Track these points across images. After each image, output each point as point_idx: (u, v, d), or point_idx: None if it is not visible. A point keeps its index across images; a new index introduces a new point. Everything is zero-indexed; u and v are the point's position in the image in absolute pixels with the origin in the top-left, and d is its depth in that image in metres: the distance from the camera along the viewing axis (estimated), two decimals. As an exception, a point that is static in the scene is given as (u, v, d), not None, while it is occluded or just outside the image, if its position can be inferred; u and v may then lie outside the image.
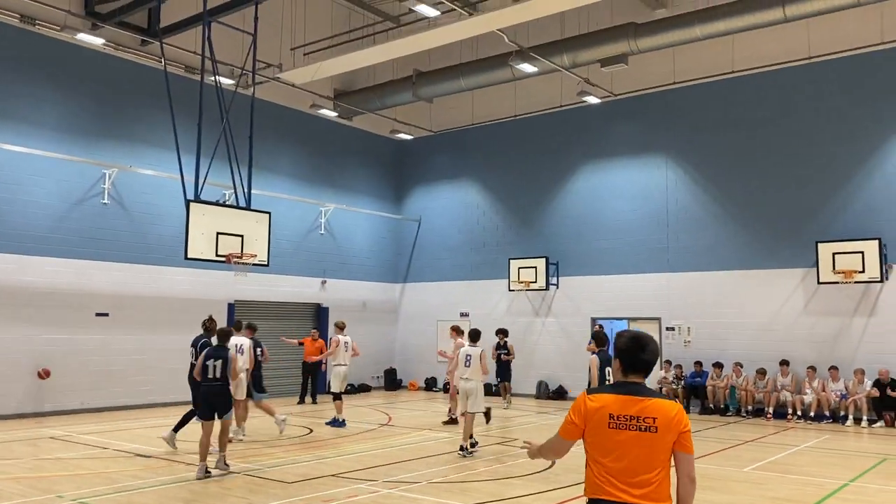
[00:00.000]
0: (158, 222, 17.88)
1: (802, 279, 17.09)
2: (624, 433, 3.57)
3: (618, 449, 3.57)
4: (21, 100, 15.96)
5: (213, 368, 9.82)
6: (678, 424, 3.57)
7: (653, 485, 3.53)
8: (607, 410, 3.62)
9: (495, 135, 22.81)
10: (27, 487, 8.90)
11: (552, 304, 21.15)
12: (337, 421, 14.27)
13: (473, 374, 11.68)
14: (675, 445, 3.58)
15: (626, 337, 3.78)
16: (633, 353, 3.72)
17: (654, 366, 3.75)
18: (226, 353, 9.94)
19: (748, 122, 18.21)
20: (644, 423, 3.55)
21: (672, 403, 3.64)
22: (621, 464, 3.56)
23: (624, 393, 3.65)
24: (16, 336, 15.35)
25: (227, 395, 9.89)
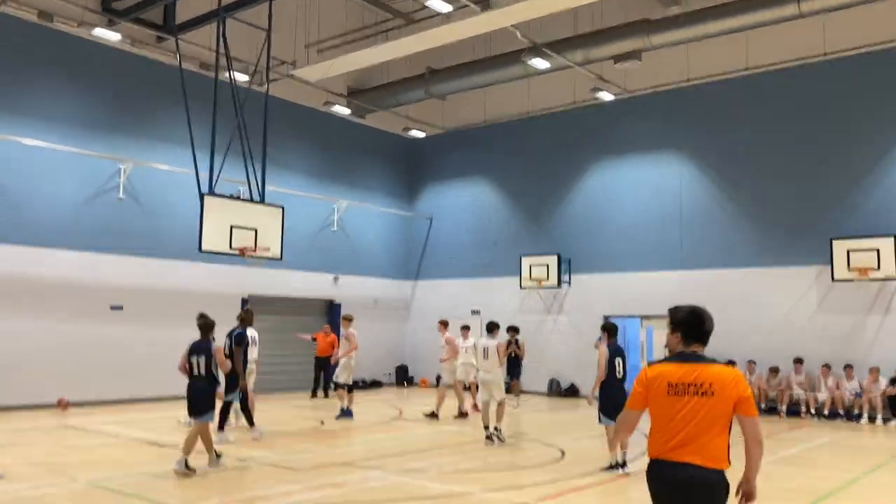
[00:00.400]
0: (172, 217, 18.02)
1: (817, 276, 16.97)
2: (682, 399, 3.82)
3: (676, 414, 3.81)
4: (38, 95, 16.16)
5: (196, 365, 9.22)
6: (734, 389, 3.80)
7: (709, 447, 3.75)
8: (666, 379, 3.90)
9: (508, 132, 22.82)
10: (44, 472, 9.00)
11: (564, 302, 21.13)
12: (346, 411, 14.27)
13: (492, 366, 11.73)
14: (736, 410, 3.80)
15: (685, 311, 4.12)
16: (693, 325, 4.04)
17: (709, 335, 4.06)
18: (208, 347, 9.29)
19: (762, 119, 18.12)
20: (701, 389, 3.80)
21: (729, 369, 3.89)
22: (679, 428, 3.79)
23: (682, 361, 3.94)
24: (33, 328, 15.51)
25: (209, 395, 9.21)
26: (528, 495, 7.99)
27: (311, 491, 8.08)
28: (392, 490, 8.21)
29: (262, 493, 7.95)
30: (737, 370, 3.93)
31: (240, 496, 7.80)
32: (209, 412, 9.17)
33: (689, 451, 3.76)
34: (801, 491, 8.45)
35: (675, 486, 3.81)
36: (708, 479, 3.76)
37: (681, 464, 3.77)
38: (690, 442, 3.77)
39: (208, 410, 9.16)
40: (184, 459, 8.79)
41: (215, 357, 9.20)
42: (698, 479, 3.75)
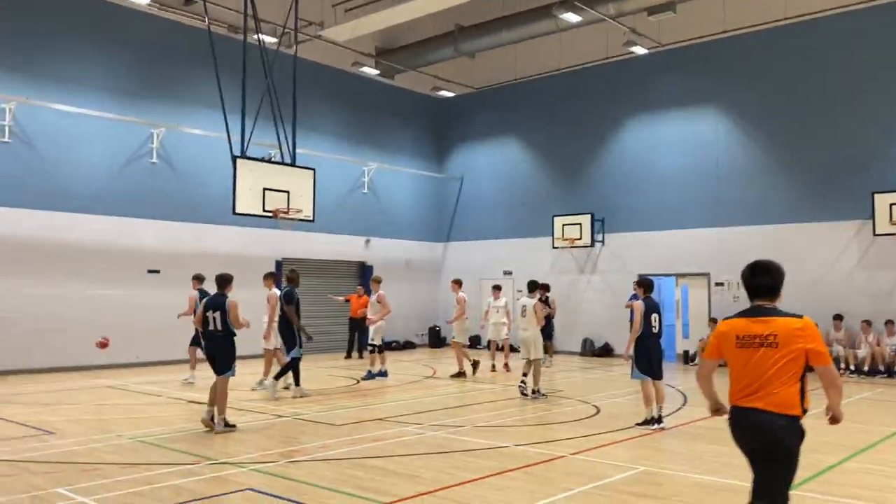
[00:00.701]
0: (205, 181, 18.18)
1: (857, 231, 16.59)
2: (749, 350, 4.09)
3: (746, 364, 4.09)
4: (69, 60, 16.30)
5: (212, 320, 9.10)
6: (799, 339, 4.00)
7: (779, 395, 4.00)
8: (734, 332, 4.17)
9: (539, 89, 22.48)
10: (88, 428, 9.27)
11: (597, 262, 20.98)
12: (381, 372, 14.42)
13: (529, 324, 11.86)
14: (808, 360, 4.00)
15: (746, 267, 4.32)
16: (748, 280, 4.28)
17: (776, 288, 4.23)
18: (223, 301, 9.10)
19: (802, 71, 17.58)
20: (767, 341, 4.04)
21: (795, 320, 4.05)
22: (750, 377, 4.08)
23: (749, 315, 4.18)
24: (71, 292, 15.88)
25: (228, 349, 9.14)
26: (563, 448, 8.02)
27: (348, 445, 8.21)
28: (428, 443, 8.30)
29: (300, 447, 8.10)
30: (805, 321, 4.04)
31: (279, 449, 7.95)
32: (230, 367, 9.11)
33: (760, 399, 4.03)
34: (839, 444, 8.34)
35: (748, 430, 4.12)
36: (776, 423, 4.00)
37: (752, 409, 4.06)
38: (760, 390, 4.04)
39: (229, 366, 9.11)
40: (222, 420, 8.93)
41: (229, 312, 9.03)
42: (767, 424, 4.00)
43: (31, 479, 6.63)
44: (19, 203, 15.34)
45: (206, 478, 6.73)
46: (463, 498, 6.07)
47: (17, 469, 7.03)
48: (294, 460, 7.45)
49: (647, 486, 6.53)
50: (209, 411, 9.04)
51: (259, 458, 7.50)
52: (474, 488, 6.39)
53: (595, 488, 6.39)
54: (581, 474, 6.89)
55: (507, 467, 7.13)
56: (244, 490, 6.28)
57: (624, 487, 6.42)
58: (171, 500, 6.00)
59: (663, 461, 7.64)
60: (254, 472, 6.92)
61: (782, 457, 4.05)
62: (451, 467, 7.17)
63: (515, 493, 6.21)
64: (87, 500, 5.97)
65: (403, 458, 7.57)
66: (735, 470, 7.13)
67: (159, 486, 6.41)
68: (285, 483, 6.54)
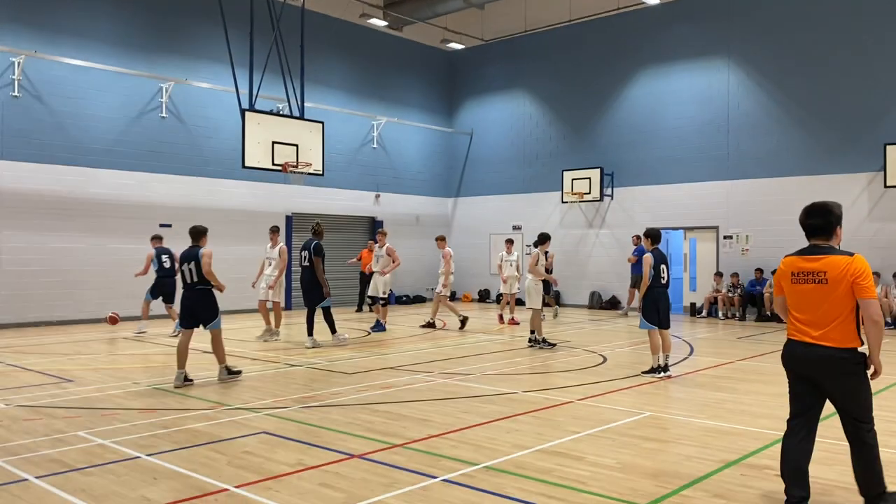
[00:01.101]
0: (215, 135, 18.20)
1: (869, 183, 16.49)
2: (803, 286, 4.37)
3: (801, 300, 4.39)
4: (78, 14, 16.20)
5: (188, 273, 8.93)
6: (848, 274, 4.21)
7: (830, 327, 4.25)
8: (790, 269, 4.46)
9: (549, 42, 22.20)
10: (106, 376, 9.49)
11: (606, 216, 20.96)
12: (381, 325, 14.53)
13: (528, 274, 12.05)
14: (855, 293, 4.20)
15: (803, 208, 4.52)
16: (803, 220, 4.48)
17: (829, 228, 4.38)
18: (197, 253, 8.93)
19: (814, 20, 17.28)
20: (818, 277, 4.30)
21: (844, 258, 4.25)
22: (804, 311, 4.37)
23: (803, 253, 4.44)
24: (86, 246, 16.06)
25: (209, 301, 8.98)
26: (570, 395, 8.17)
27: (359, 391, 8.39)
28: (437, 390, 8.47)
29: (313, 394, 8.28)
30: (855, 258, 4.24)
31: (292, 396, 8.13)
32: (215, 318, 8.99)
33: (815, 332, 4.31)
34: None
35: (802, 362, 4.40)
36: (831, 355, 4.25)
37: (805, 343, 4.35)
38: (814, 324, 4.31)
39: (213, 316, 8.98)
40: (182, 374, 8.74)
41: (202, 263, 8.85)
42: (822, 356, 4.27)
43: (52, 423, 6.83)
44: (33, 158, 15.43)
45: (222, 422, 6.92)
46: (472, 439, 6.23)
47: (38, 414, 7.24)
48: (307, 406, 7.64)
49: (652, 429, 6.67)
50: (181, 374, 8.74)
51: (273, 404, 7.69)
52: (483, 431, 6.54)
53: (601, 431, 6.53)
54: (588, 419, 7.04)
55: (516, 412, 7.29)
56: (259, 433, 6.46)
57: (629, 431, 6.57)
58: (188, 442, 6.18)
59: (669, 407, 7.78)
60: (268, 417, 7.10)
61: (849, 384, 4.32)
62: (461, 412, 7.33)
63: (523, 436, 6.36)
64: (107, 442, 6.16)
65: (414, 403, 7.75)
66: (739, 415, 7.27)
67: (176, 430, 6.60)
68: (298, 426, 6.71)
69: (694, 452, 5.88)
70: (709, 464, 5.54)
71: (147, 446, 6.02)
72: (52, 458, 5.69)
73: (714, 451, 5.92)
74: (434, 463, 5.56)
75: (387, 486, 5.02)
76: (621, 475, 5.27)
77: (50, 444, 6.10)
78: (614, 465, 5.52)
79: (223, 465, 5.49)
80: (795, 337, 4.43)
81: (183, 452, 5.86)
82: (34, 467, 5.45)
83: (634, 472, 5.33)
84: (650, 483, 5.09)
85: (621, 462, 5.59)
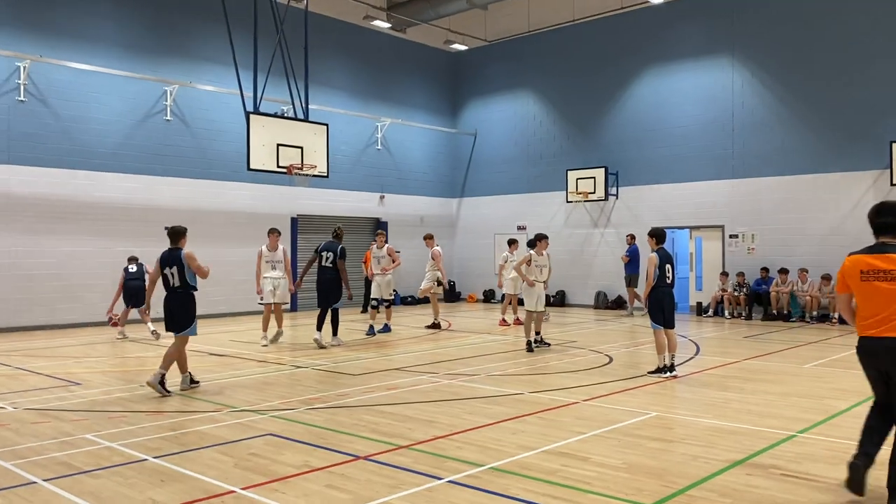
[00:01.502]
0: (219, 138, 18.26)
1: (874, 181, 16.43)
2: (872, 284, 4.46)
3: (871, 296, 4.48)
4: (82, 18, 16.27)
5: (170, 276, 8.52)
6: None
7: None
8: (858, 267, 4.54)
9: (552, 42, 22.20)
10: (113, 379, 9.54)
11: (611, 215, 20.94)
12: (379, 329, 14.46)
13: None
14: None
15: (872, 207, 4.67)
16: (873, 218, 4.62)
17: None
18: (179, 255, 8.51)
19: (819, 16, 17.23)
20: (889, 275, 4.41)
21: None
22: (876, 308, 4.46)
23: (872, 252, 4.53)
24: (92, 249, 16.13)
25: (188, 305, 8.56)
26: (576, 395, 8.17)
27: (365, 393, 8.41)
28: (442, 391, 8.48)
29: (319, 395, 8.30)
30: None
31: (298, 398, 8.15)
32: (190, 325, 8.59)
33: (887, 328, 4.42)
34: (851, 390, 8.43)
35: (875, 356, 4.54)
36: None
37: (879, 338, 4.47)
38: (887, 320, 4.42)
39: (189, 323, 8.58)
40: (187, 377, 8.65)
41: (188, 265, 8.48)
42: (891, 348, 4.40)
43: (59, 426, 6.87)
44: (39, 162, 15.50)
45: (229, 424, 6.94)
46: (478, 440, 6.24)
47: (46, 417, 7.28)
48: (313, 407, 7.65)
49: (658, 429, 6.67)
50: (185, 378, 8.66)
51: (279, 406, 7.71)
52: (489, 432, 6.55)
53: (607, 432, 6.53)
54: (593, 419, 7.04)
55: (521, 413, 7.30)
56: (265, 435, 6.49)
57: (635, 431, 6.57)
58: (195, 444, 6.21)
59: (674, 407, 7.77)
60: (274, 419, 7.12)
61: None
62: (466, 413, 7.34)
63: (529, 437, 6.37)
64: (114, 444, 6.19)
65: (419, 404, 7.76)
66: (745, 415, 7.26)
67: (184, 432, 6.63)
68: (305, 428, 6.73)
69: (700, 452, 5.88)
70: (715, 464, 5.54)
71: (154, 449, 6.05)
72: (60, 461, 5.72)
73: (720, 450, 5.92)
74: (439, 464, 5.57)
75: (392, 487, 5.03)
76: (627, 475, 5.27)
77: (57, 447, 6.13)
78: (620, 465, 5.52)
79: (230, 467, 5.51)
80: (866, 333, 4.55)
81: (190, 454, 5.88)
82: (42, 470, 5.48)
83: (640, 473, 5.33)
84: (656, 483, 5.09)
85: (627, 462, 5.59)
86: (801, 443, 6.17)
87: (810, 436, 6.41)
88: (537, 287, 11.81)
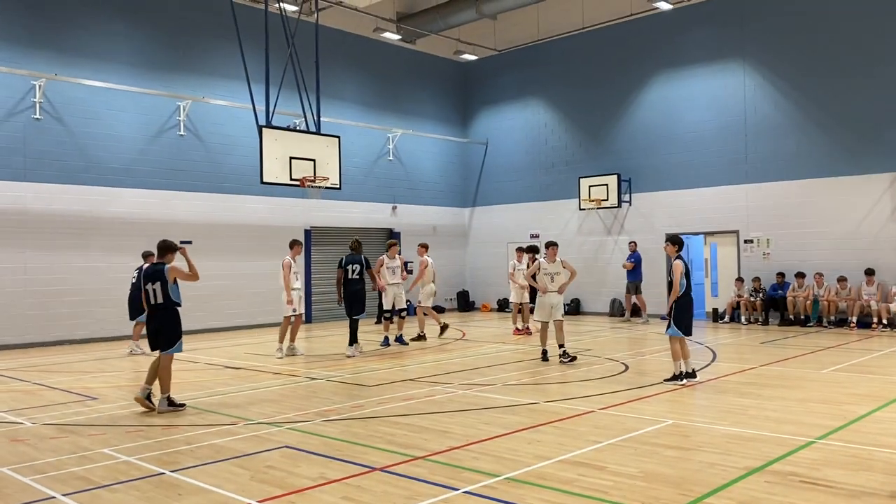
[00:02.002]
0: (233, 152, 18.39)
1: (891, 184, 16.28)
2: None
3: None
4: (94, 36, 16.47)
5: (152, 292, 8.22)
6: None
7: None
8: None
9: (562, 50, 22.23)
10: (129, 393, 9.56)
11: (624, 222, 20.87)
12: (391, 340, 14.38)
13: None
14: None
15: None
16: None
17: None
18: (162, 270, 8.24)
19: (831, 20, 17.15)
20: None
21: None
22: None
23: None
24: (108, 265, 16.25)
25: (173, 323, 8.27)
26: (592, 404, 8.13)
27: (380, 404, 8.41)
28: (458, 401, 8.46)
29: (334, 407, 8.31)
30: None
31: (314, 409, 8.17)
32: (175, 343, 8.31)
33: None
34: (871, 396, 8.35)
35: None
36: None
37: None
38: None
39: (174, 341, 8.29)
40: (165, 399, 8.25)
41: (168, 279, 8.19)
42: None
43: (77, 441, 6.92)
44: (55, 179, 15.66)
45: (245, 437, 6.96)
46: (494, 451, 6.22)
47: (63, 432, 7.33)
48: (328, 419, 7.66)
49: (675, 437, 6.62)
50: (145, 389, 8.29)
51: (294, 418, 7.72)
52: (505, 442, 6.53)
53: (623, 441, 6.49)
54: (610, 428, 7.00)
55: (537, 422, 7.27)
56: (281, 447, 6.50)
57: (652, 439, 6.52)
58: (211, 457, 6.23)
59: (691, 414, 7.71)
60: (290, 431, 7.14)
61: None
62: (482, 423, 7.33)
63: (545, 447, 6.34)
64: (131, 459, 6.22)
65: (434, 415, 7.75)
66: (762, 421, 7.20)
67: (200, 446, 6.65)
68: (320, 440, 6.74)
69: (717, 460, 5.83)
70: (732, 471, 5.49)
71: (171, 462, 6.08)
72: (79, 476, 5.76)
73: (737, 458, 5.87)
74: (455, 475, 5.56)
75: (408, 498, 5.02)
76: (644, 484, 5.23)
77: (76, 462, 6.17)
78: (637, 473, 5.49)
79: (246, 480, 5.53)
80: None
81: (207, 468, 5.90)
82: (61, 485, 5.52)
83: (657, 481, 5.29)
84: (673, 491, 5.05)
85: (643, 471, 5.55)
86: (820, 449, 6.11)
87: (829, 442, 6.34)
88: (550, 296, 11.52)
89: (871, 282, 15.99)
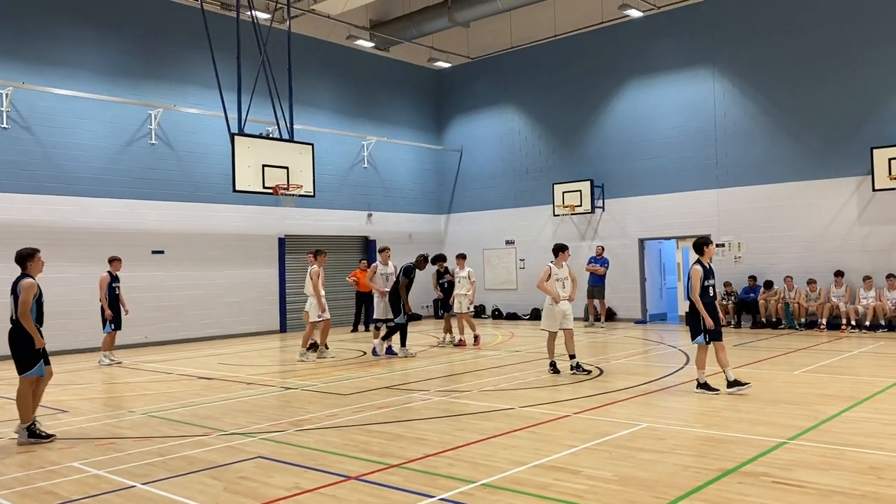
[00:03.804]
0: (205, 160, 18.23)
1: (857, 187, 16.59)
2: None
3: None
4: (64, 44, 16.25)
5: (12, 307, 7.55)
6: None
7: None
8: None
9: (535, 57, 22.37)
10: (100, 405, 9.44)
11: (598, 227, 21.02)
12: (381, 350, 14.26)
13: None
14: None
15: None
16: None
17: None
18: (16, 286, 7.55)
19: (797, 26, 17.46)
20: None
21: None
22: None
23: None
24: (78, 275, 15.99)
25: (23, 342, 7.44)
26: (567, 409, 8.15)
27: (355, 412, 8.35)
28: (434, 408, 8.44)
29: (308, 416, 8.24)
30: None
31: (288, 419, 8.09)
32: (31, 366, 7.49)
33: None
34: (840, 396, 8.47)
35: None
36: None
37: None
38: None
39: (28, 363, 7.47)
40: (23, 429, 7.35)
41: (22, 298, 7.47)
42: None
43: (46, 455, 6.79)
44: (23, 189, 15.40)
45: (218, 447, 6.88)
46: (469, 457, 6.20)
47: (31, 446, 7.18)
48: (303, 429, 7.60)
49: (649, 440, 6.65)
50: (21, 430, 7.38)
51: (268, 428, 7.65)
52: (480, 448, 6.52)
53: (598, 444, 6.51)
54: (585, 432, 7.02)
55: (513, 427, 7.27)
56: (255, 458, 6.43)
57: (626, 443, 6.55)
58: (184, 469, 6.14)
59: (665, 417, 7.76)
60: (264, 441, 7.06)
61: None
62: (457, 429, 7.31)
63: (521, 452, 6.34)
64: (101, 472, 6.11)
65: (410, 422, 7.72)
66: (735, 423, 7.27)
67: (172, 457, 6.56)
68: (295, 450, 6.68)
69: (691, 462, 5.87)
70: (706, 473, 5.53)
71: (142, 475, 5.98)
72: (47, 491, 5.64)
73: (711, 460, 5.91)
74: (431, 482, 5.54)
75: (384, 507, 4.99)
76: (618, 487, 5.25)
77: (44, 476, 6.05)
78: (611, 477, 5.50)
79: (219, 492, 5.45)
80: None
81: (179, 480, 5.82)
82: (29, 500, 5.40)
83: (631, 484, 5.31)
84: (647, 494, 5.08)
85: (618, 474, 5.57)
86: (792, 450, 6.18)
87: (801, 442, 6.41)
88: (562, 304, 10.79)
89: (840, 283, 16.25)
